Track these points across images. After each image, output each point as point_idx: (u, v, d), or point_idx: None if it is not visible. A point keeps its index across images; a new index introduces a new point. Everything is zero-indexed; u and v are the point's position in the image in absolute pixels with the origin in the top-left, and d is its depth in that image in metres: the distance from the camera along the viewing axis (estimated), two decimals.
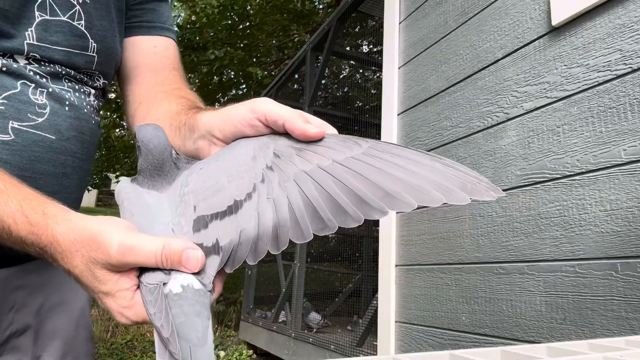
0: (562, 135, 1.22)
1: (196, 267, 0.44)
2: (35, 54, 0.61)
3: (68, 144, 0.65)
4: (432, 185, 0.42)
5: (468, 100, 1.58)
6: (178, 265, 0.44)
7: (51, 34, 0.62)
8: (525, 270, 1.27)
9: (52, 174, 0.64)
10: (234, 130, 0.52)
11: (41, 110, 0.62)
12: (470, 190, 0.41)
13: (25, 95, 0.60)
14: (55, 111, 0.63)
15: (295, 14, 7.56)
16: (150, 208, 0.49)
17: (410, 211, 0.41)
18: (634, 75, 1.06)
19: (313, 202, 0.44)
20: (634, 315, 1.00)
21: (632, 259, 1.02)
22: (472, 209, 1.49)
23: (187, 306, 0.44)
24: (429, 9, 1.86)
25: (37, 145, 0.61)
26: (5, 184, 0.49)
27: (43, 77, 0.62)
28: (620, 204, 1.06)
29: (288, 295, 3.64)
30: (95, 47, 0.67)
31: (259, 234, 0.46)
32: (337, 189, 0.44)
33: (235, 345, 4.62)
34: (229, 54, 7.08)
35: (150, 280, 0.45)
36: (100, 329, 4.53)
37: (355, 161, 0.45)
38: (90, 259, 0.44)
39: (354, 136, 0.47)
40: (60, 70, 0.64)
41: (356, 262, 4.01)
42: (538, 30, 1.33)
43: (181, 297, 0.44)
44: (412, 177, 0.43)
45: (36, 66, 0.61)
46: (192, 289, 0.45)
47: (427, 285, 1.66)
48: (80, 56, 0.66)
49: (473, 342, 1.42)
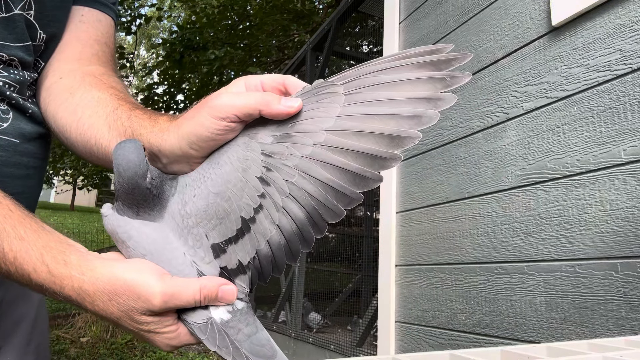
0: (562, 135, 1.22)
1: (232, 299, 0.48)
2: (1, 53, 0.60)
3: (30, 147, 0.66)
4: (422, 105, 0.42)
5: (468, 100, 1.58)
6: (215, 301, 0.48)
7: (9, 31, 0.60)
8: (525, 270, 1.27)
9: (18, 176, 0.65)
10: (211, 143, 0.48)
11: (5, 116, 0.62)
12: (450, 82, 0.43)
13: None
14: (17, 117, 0.63)
15: (295, 14, 7.57)
16: (160, 244, 0.49)
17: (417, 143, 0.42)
18: (634, 75, 1.06)
19: (329, 182, 0.43)
20: (634, 315, 1.00)
21: (632, 259, 1.02)
22: (472, 209, 1.49)
23: (244, 327, 0.48)
24: (429, 9, 1.86)
25: (2, 150, 0.62)
26: (25, 230, 0.49)
27: (11, 86, 0.62)
28: (620, 204, 1.06)
29: (288, 295, 3.64)
30: (44, 37, 0.65)
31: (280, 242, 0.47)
32: (344, 158, 0.43)
33: None
34: (229, 54, 7.08)
35: (196, 319, 0.48)
36: (100, 329, 4.53)
37: (344, 119, 0.43)
38: (128, 308, 0.46)
39: (323, 80, 0.45)
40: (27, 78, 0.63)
41: (356, 262, 4.01)
42: (538, 30, 1.33)
43: (234, 321, 0.48)
44: (401, 108, 0.42)
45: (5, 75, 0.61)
46: (238, 309, 0.49)
47: (427, 285, 1.66)
48: (27, 48, 0.63)
49: (473, 342, 1.42)
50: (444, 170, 1.65)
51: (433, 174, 1.70)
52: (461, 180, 1.56)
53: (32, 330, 0.72)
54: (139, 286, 0.45)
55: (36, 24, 0.64)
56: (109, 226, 0.50)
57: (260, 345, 0.47)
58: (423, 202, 1.74)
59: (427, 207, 1.71)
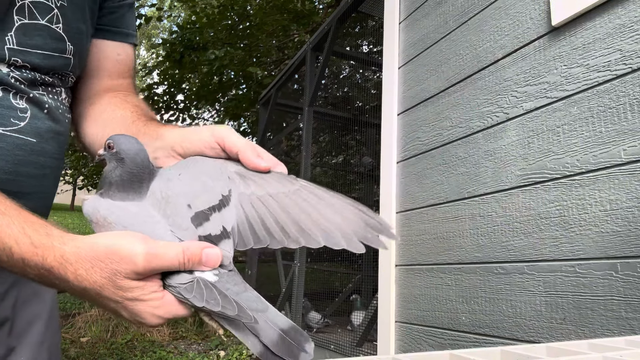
0: (562, 135, 1.22)
1: (216, 263, 0.48)
2: (16, 58, 0.62)
3: (47, 146, 0.68)
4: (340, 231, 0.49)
5: (468, 100, 1.58)
6: (199, 265, 0.48)
7: (30, 38, 0.63)
8: (525, 270, 1.27)
9: (34, 176, 0.66)
10: (196, 149, 0.57)
11: (23, 115, 0.63)
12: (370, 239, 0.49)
13: (8, 101, 0.61)
14: (35, 115, 0.65)
15: (295, 14, 7.56)
16: (141, 216, 0.52)
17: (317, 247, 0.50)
18: (633, 75, 1.07)
19: (251, 219, 0.52)
20: (634, 315, 1.00)
21: (632, 259, 1.02)
22: (472, 209, 1.49)
23: (232, 286, 0.48)
24: (429, 9, 1.86)
25: (20, 149, 0.63)
26: (5, 207, 0.50)
27: (22, 83, 0.63)
28: (620, 204, 1.06)
29: (288, 295, 3.65)
30: (72, 49, 0.68)
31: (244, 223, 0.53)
32: (268, 215, 0.51)
33: (236, 345, 4.62)
34: (229, 54, 7.07)
35: (180, 281, 0.48)
36: (100, 329, 4.53)
37: (284, 197, 0.52)
38: (112, 272, 0.46)
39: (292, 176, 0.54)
40: (37, 78, 0.65)
41: (356, 262, 4.01)
42: (538, 30, 1.33)
43: (221, 282, 0.48)
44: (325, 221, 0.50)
45: (18, 73, 0.62)
46: (224, 272, 0.49)
47: (427, 285, 1.66)
48: (58, 59, 0.67)
49: (473, 342, 1.42)
50: (444, 170, 1.65)
51: (433, 174, 1.70)
52: (461, 180, 1.56)
53: (45, 330, 0.73)
54: (121, 248, 0.46)
55: (65, 36, 0.66)
56: (89, 208, 0.52)
57: (251, 301, 0.48)
58: (423, 202, 1.74)
59: (427, 207, 1.71)
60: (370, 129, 4.27)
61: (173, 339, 4.88)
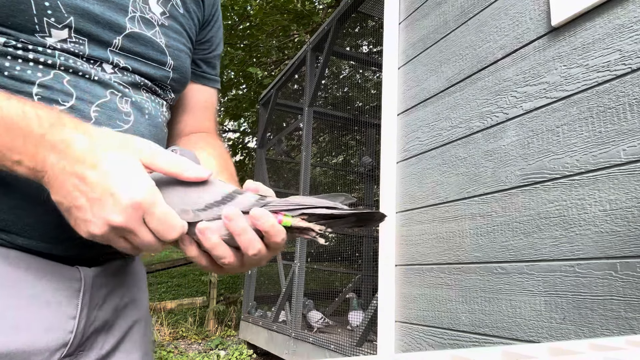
0: (561, 136, 1.23)
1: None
2: (120, 61, 0.64)
3: None
4: None
5: (468, 100, 1.58)
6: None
7: (136, 45, 0.66)
8: (525, 270, 1.27)
9: None
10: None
11: (127, 118, 0.65)
12: None
13: (114, 104, 0.63)
14: (137, 119, 0.66)
15: (295, 14, 7.56)
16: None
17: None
18: (633, 76, 1.07)
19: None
20: (634, 315, 1.00)
21: (632, 259, 1.02)
22: (472, 209, 1.50)
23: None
24: (429, 9, 1.86)
25: None
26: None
27: (125, 87, 0.65)
28: (620, 204, 1.06)
29: (288, 295, 3.65)
30: (172, 64, 0.72)
31: None
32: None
33: (236, 345, 4.62)
34: (229, 54, 7.08)
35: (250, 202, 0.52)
36: None
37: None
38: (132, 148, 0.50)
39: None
40: (139, 81, 0.67)
41: (356, 262, 4.01)
42: (538, 30, 1.34)
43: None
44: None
45: (119, 75, 0.64)
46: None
47: (427, 285, 1.66)
48: (159, 70, 0.70)
49: (473, 342, 1.42)
50: (444, 170, 1.65)
51: (433, 174, 1.71)
52: (461, 180, 1.56)
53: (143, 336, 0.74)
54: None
55: (166, 51, 0.70)
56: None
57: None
58: (423, 202, 1.74)
59: (427, 207, 1.71)
60: (370, 129, 4.27)
61: (173, 339, 4.88)
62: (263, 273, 4.67)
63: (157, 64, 0.69)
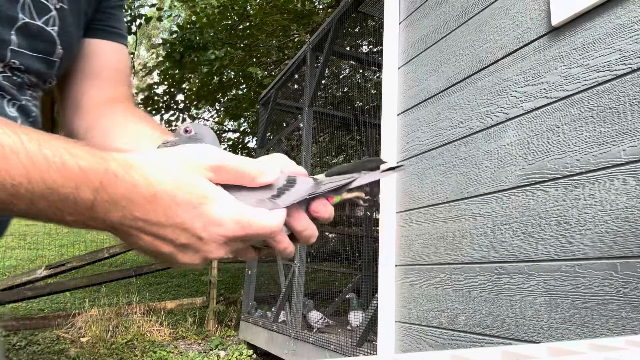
0: (561, 135, 1.22)
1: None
2: (14, 60, 0.59)
3: None
4: None
5: (468, 100, 1.58)
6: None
7: (26, 39, 0.59)
8: (525, 270, 1.27)
9: None
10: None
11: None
12: None
13: (2, 108, 0.59)
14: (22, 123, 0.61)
15: (295, 14, 7.57)
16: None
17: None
18: (633, 76, 1.07)
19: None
20: (634, 315, 1.00)
21: (632, 259, 1.02)
22: (472, 209, 1.49)
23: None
24: (429, 9, 1.86)
25: None
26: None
27: (13, 88, 0.60)
28: (620, 204, 1.06)
29: (288, 295, 3.64)
30: (61, 53, 0.65)
31: None
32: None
33: (236, 345, 4.62)
34: (229, 54, 7.08)
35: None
36: (100, 329, 4.53)
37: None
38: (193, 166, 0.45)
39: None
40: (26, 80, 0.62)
41: (356, 262, 4.01)
42: (538, 30, 1.33)
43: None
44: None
45: (9, 75, 0.59)
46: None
47: (427, 285, 1.66)
48: (44, 61, 0.63)
49: (473, 342, 1.42)
50: (444, 170, 1.65)
51: (433, 174, 1.70)
52: (461, 180, 1.56)
53: None
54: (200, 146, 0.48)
55: (57, 40, 0.63)
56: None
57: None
58: (423, 202, 1.74)
59: (427, 207, 1.71)
60: (370, 129, 4.27)
61: (173, 339, 4.88)
62: (263, 273, 4.67)
63: (46, 56, 0.63)
